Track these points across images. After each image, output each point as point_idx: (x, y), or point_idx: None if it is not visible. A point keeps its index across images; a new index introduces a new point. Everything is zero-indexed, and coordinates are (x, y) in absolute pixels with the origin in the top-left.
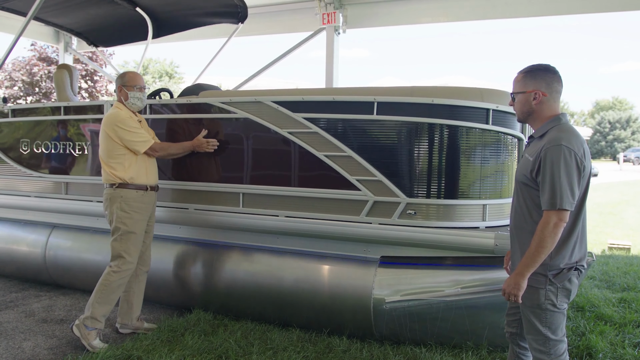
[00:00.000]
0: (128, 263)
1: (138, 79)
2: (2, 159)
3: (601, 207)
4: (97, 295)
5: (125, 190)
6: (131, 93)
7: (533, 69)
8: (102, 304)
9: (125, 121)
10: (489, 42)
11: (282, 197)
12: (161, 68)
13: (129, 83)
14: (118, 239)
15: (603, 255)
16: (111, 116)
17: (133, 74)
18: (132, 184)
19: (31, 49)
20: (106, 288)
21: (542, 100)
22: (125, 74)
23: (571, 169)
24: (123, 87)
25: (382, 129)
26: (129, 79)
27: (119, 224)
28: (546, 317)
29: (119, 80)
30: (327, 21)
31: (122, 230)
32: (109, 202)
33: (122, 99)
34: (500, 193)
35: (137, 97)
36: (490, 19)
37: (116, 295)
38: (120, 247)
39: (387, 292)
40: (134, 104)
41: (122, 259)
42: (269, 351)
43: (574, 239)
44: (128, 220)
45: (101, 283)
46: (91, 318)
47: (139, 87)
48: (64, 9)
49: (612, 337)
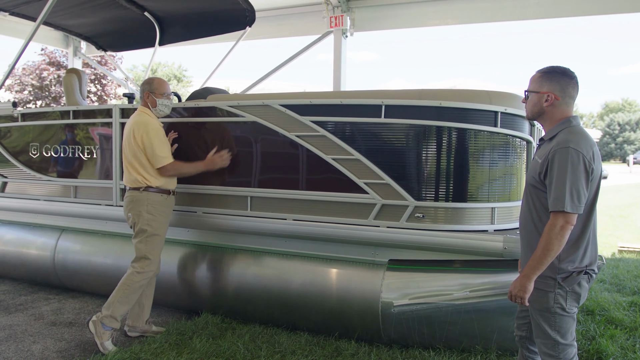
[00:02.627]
0: (152, 264)
1: (166, 86)
2: (12, 163)
3: (611, 210)
4: (118, 294)
5: (151, 194)
6: (160, 100)
7: (551, 71)
8: (123, 304)
9: (158, 131)
10: (498, 45)
11: (289, 201)
12: (169, 72)
13: (158, 90)
14: (143, 240)
15: (613, 258)
16: (143, 123)
17: (162, 81)
18: (159, 188)
19: (41, 54)
20: (128, 288)
21: (553, 103)
22: (154, 80)
23: (578, 171)
24: (151, 93)
25: (390, 132)
26: (158, 85)
27: (146, 226)
28: (555, 321)
29: (147, 87)
30: (334, 24)
31: (148, 232)
32: (133, 204)
33: (149, 105)
34: (509, 196)
35: (165, 105)
36: (499, 21)
37: (136, 296)
38: (146, 248)
39: (395, 295)
40: (162, 110)
41: (146, 261)
42: (277, 355)
43: (584, 243)
44: (154, 222)
45: (124, 283)
46: (110, 317)
47: (167, 95)
48: (73, 14)
49: (622, 341)
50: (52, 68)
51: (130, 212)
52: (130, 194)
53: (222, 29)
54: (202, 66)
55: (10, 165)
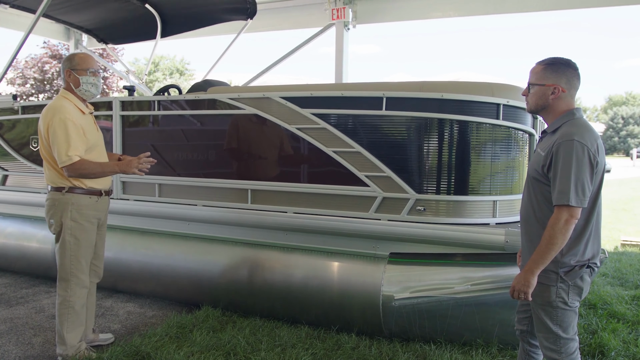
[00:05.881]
0: (81, 282)
1: (90, 61)
2: (13, 156)
3: (614, 204)
4: (63, 323)
5: (77, 196)
6: (83, 78)
7: (555, 62)
8: (73, 330)
9: (68, 119)
10: (500, 39)
11: (290, 194)
12: (172, 65)
13: (80, 66)
14: (67, 255)
15: (616, 252)
16: (53, 108)
17: (85, 55)
18: (86, 188)
19: (43, 47)
20: (70, 314)
21: (560, 95)
22: (74, 55)
23: (583, 164)
24: (72, 71)
25: (391, 124)
26: (80, 60)
27: (69, 236)
28: (557, 315)
29: (67, 64)
30: (336, 17)
31: (72, 244)
32: (54, 209)
33: (71, 85)
34: (510, 189)
35: (90, 83)
36: (501, 13)
37: (83, 316)
38: (70, 265)
39: (396, 289)
40: (88, 90)
41: (74, 280)
42: (278, 348)
43: (586, 236)
44: (80, 232)
45: (62, 312)
46: (69, 347)
47: (92, 71)
48: (74, 6)
49: (624, 335)
50: (54, 61)
51: (51, 218)
52: (51, 195)
53: (223, 21)
54: (205, 59)
55: (11, 158)
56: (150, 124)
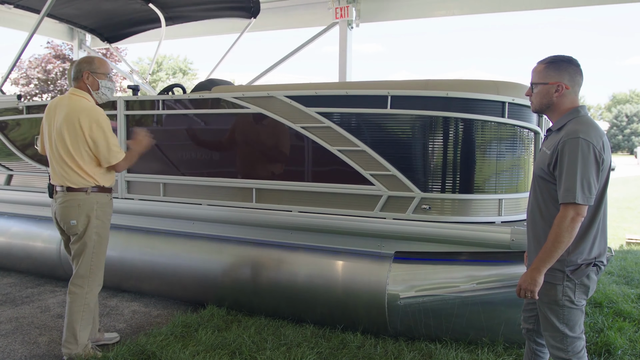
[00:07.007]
0: (97, 279)
1: (108, 66)
2: (18, 156)
3: (619, 202)
4: (78, 320)
5: (99, 195)
6: (103, 82)
7: (556, 60)
8: (85, 328)
9: (108, 120)
10: (504, 38)
11: (295, 192)
12: (175, 64)
13: (101, 70)
14: (89, 253)
15: (621, 250)
16: (91, 110)
17: (103, 60)
18: (106, 187)
19: (47, 47)
20: (86, 309)
21: (564, 93)
22: (94, 58)
23: (589, 162)
24: (92, 73)
25: (396, 123)
26: (100, 64)
27: (95, 235)
28: (564, 314)
29: (87, 66)
30: (340, 15)
31: (95, 242)
32: (79, 210)
33: (89, 88)
34: (516, 187)
35: (108, 87)
36: (505, 11)
37: (92, 313)
38: (92, 262)
39: (401, 287)
40: (104, 94)
41: (92, 277)
42: (283, 347)
43: (593, 234)
44: (103, 230)
45: (77, 308)
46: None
47: (110, 76)
48: (77, 6)
49: (631, 333)
50: (58, 61)
51: (74, 218)
52: (71, 196)
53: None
54: (208, 59)
55: (16, 158)
56: (155, 124)
